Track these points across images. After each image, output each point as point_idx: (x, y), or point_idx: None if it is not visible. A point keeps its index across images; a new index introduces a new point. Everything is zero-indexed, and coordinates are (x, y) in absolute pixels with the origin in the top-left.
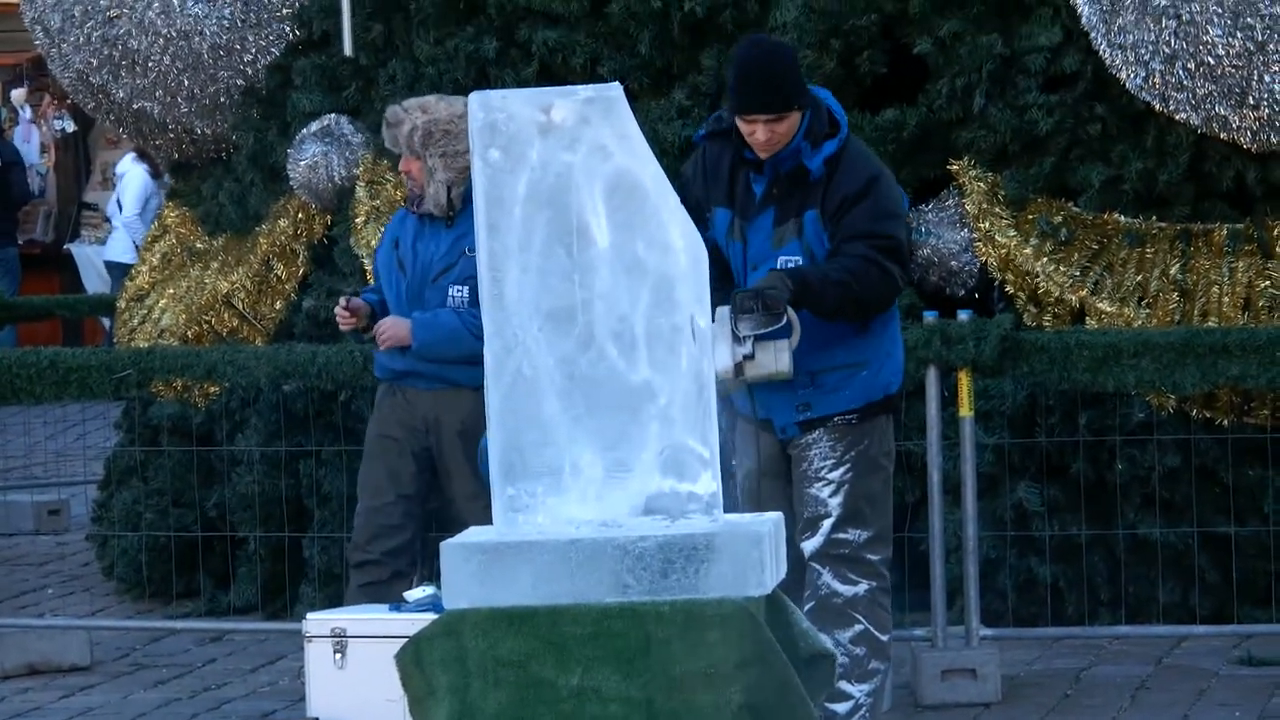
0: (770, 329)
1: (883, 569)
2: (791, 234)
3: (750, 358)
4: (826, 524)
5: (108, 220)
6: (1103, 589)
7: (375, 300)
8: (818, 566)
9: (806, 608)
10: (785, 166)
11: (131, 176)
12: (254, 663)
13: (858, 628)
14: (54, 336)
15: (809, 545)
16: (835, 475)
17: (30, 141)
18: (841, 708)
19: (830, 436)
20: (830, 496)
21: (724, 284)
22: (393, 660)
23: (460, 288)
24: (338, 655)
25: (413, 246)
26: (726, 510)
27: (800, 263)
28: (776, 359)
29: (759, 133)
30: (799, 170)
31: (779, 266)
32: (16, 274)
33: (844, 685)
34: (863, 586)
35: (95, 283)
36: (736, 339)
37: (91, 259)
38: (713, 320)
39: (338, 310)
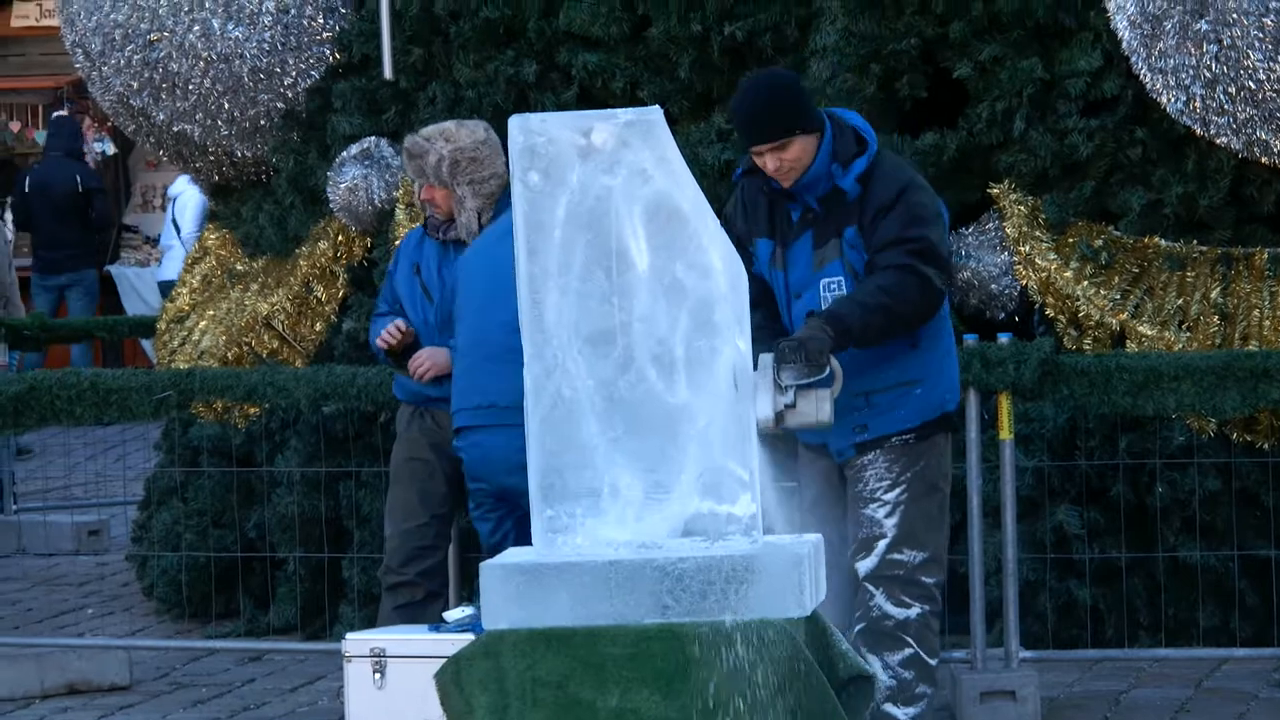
0: (812, 379)
1: (936, 592)
2: (832, 255)
3: (792, 406)
4: (881, 545)
5: (148, 242)
6: (1143, 612)
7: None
8: (871, 588)
9: (857, 629)
10: (817, 193)
11: (189, 196)
12: (293, 683)
13: (908, 651)
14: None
15: (863, 566)
16: (891, 496)
17: None
18: None
19: (887, 457)
20: (886, 518)
21: (772, 315)
22: (432, 680)
23: None
24: (377, 675)
25: (439, 273)
26: (792, 530)
27: (842, 283)
28: (818, 409)
29: (768, 162)
30: (834, 193)
31: (821, 289)
32: (95, 296)
33: (890, 708)
34: (915, 610)
35: (135, 304)
36: (778, 388)
37: (131, 281)
38: (754, 368)
39: (391, 328)
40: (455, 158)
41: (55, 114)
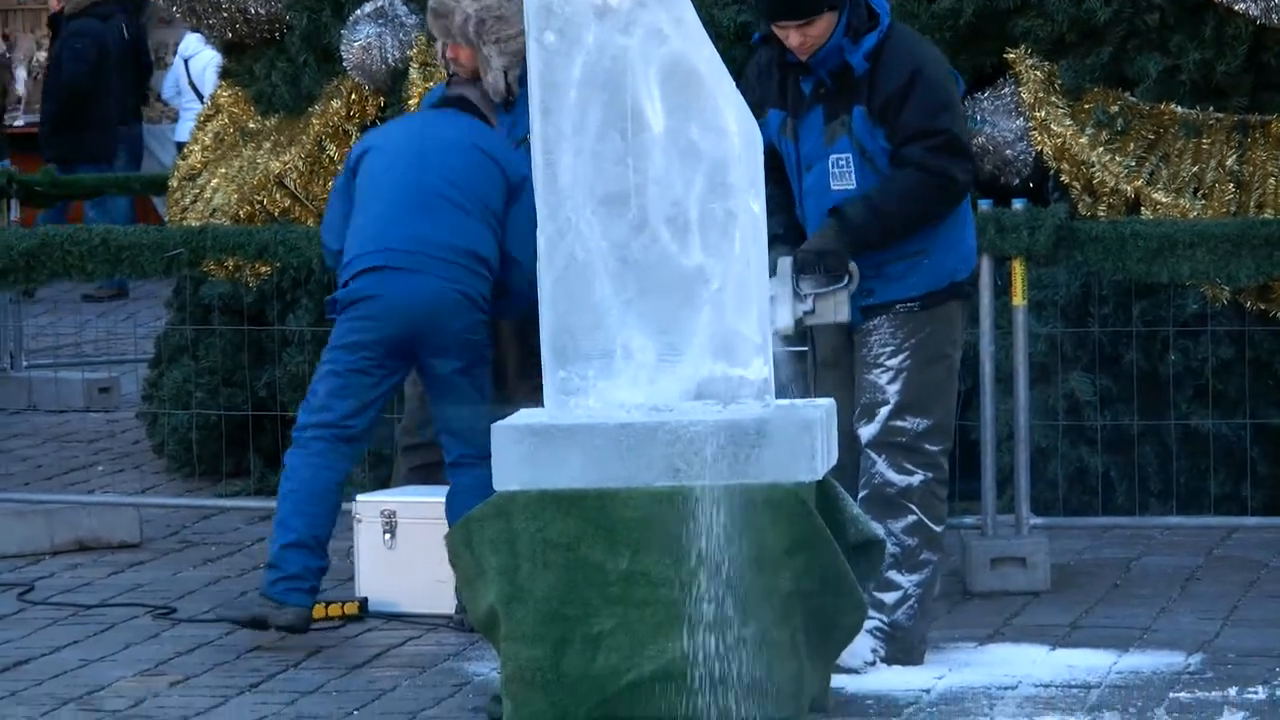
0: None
1: (940, 460)
2: (842, 131)
3: (811, 312)
4: (883, 411)
5: (160, 100)
6: (1154, 479)
7: None
8: (872, 454)
9: (860, 496)
10: (829, 66)
11: (206, 57)
12: None
13: (910, 518)
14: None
15: (865, 432)
16: (894, 362)
17: None
18: (890, 597)
19: (891, 323)
20: (889, 384)
21: (782, 183)
22: (442, 541)
23: None
24: (387, 536)
25: None
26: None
27: (849, 159)
28: (836, 310)
29: (792, 37)
30: (843, 68)
31: (830, 165)
32: (141, 151)
33: (893, 575)
34: (918, 477)
35: (150, 163)
36: (798, 296)
37: (146, 139)
38: (773, 274)
39: None
40: (481, 16)
41: None
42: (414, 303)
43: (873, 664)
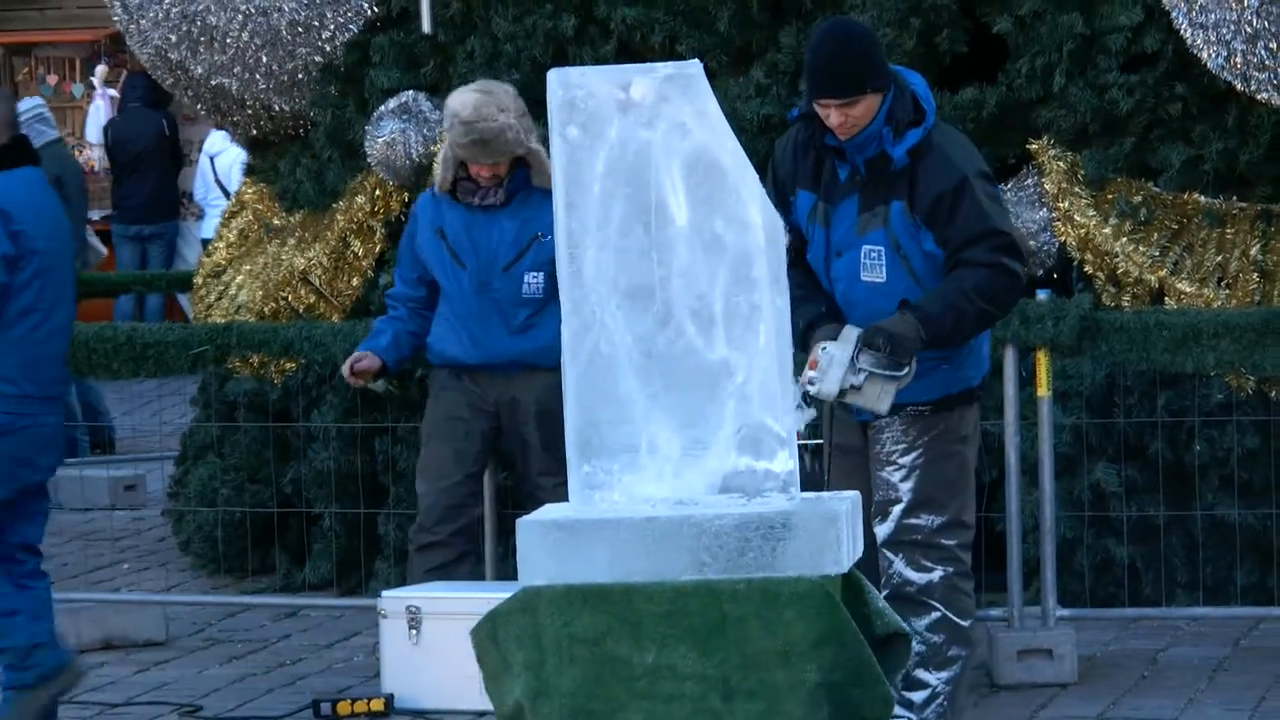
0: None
1: (959, 554)
2: (877, 223)
3: (858, 389)
4: (896, 510)
5: (183, 196)
6: (1180, 570)
7: (386, 343)
8: (889, 554)
9: (881, 595)
10: (867, 153)
11: (231, 155)
12: (329, 639)
13: (934, 615)
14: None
15: (881, 531)
16: (906, 460)
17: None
18: (919, 696)
19: (902, 422)
20: (901, 481)
21: (809, 271)
22: (468, 637)
23: (535, 274)
24: (413, 632)
25: (468, 235)
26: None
27: (882, 253)
28: (880, 398)
29: (833, 116)
30: (881, 158)
31: (861, 255)
32: (176, 248)
33: (921, 673)
34: (937, 573)
35: (175, 261)
36: (853, 368)
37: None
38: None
39: (347, 375)
40: (521, 122)
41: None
42: None
43: None
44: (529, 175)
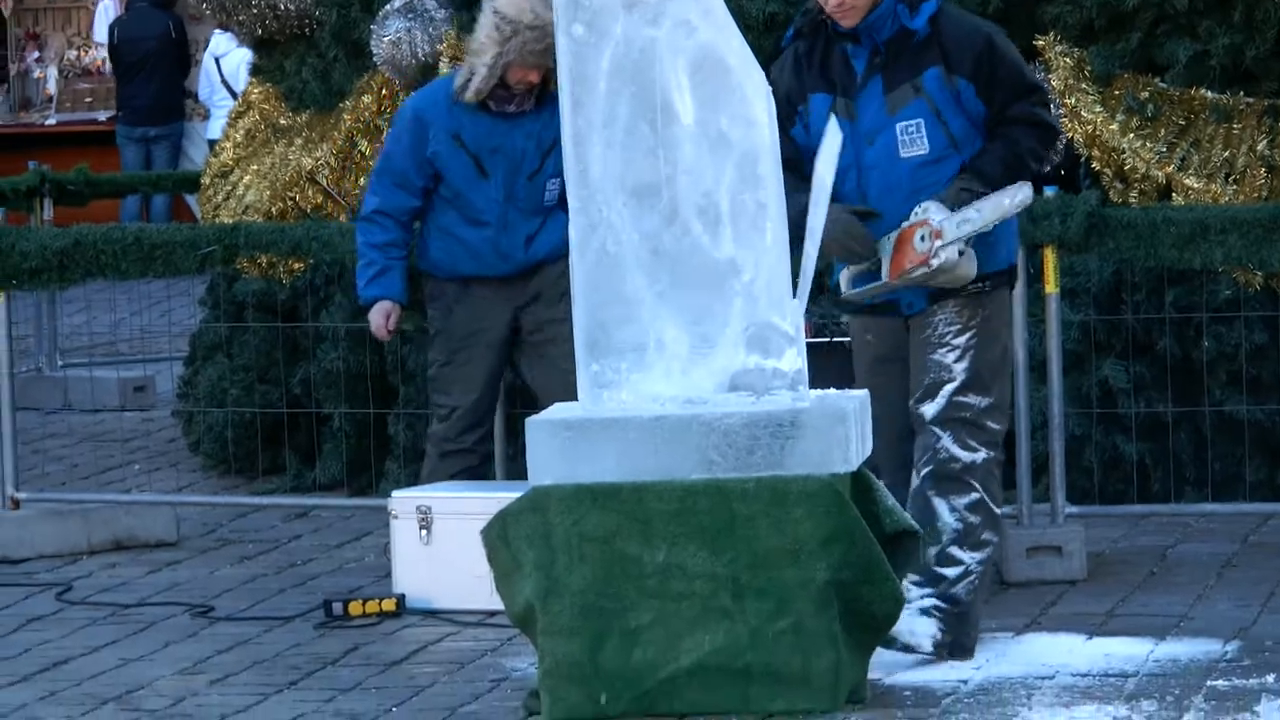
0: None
1: (1000, 439)
2: (909, 97)
3: (964, 254)
4: (949, 388)
5: (189, 96)
6: (1189, 466)
7: (402, 286)
8: (937, 430)
9: (924, 472)
10: (885, 33)
11: (237, 56)
12: (339, 539)
13: (974, 495)
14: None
15: (929, 409)
16: (960, 341)
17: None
18: (951, 571)
19: (957, 304)
20: (955, 361)
21: (801, 178)
22: (478, 536)
23: (555, 180)
24: (423, 532)
25: (489, 142)
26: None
27: (922, 124)
28: (968, 265)
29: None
30: (901, 34)
31: (898, 133)
32: (181, 149)
33: (955, 550)
34: (980, 454)
35: (182, 162)
36: (965, 242)
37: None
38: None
39: (383, 335)
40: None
41: None
42: None
43: (941, 643)
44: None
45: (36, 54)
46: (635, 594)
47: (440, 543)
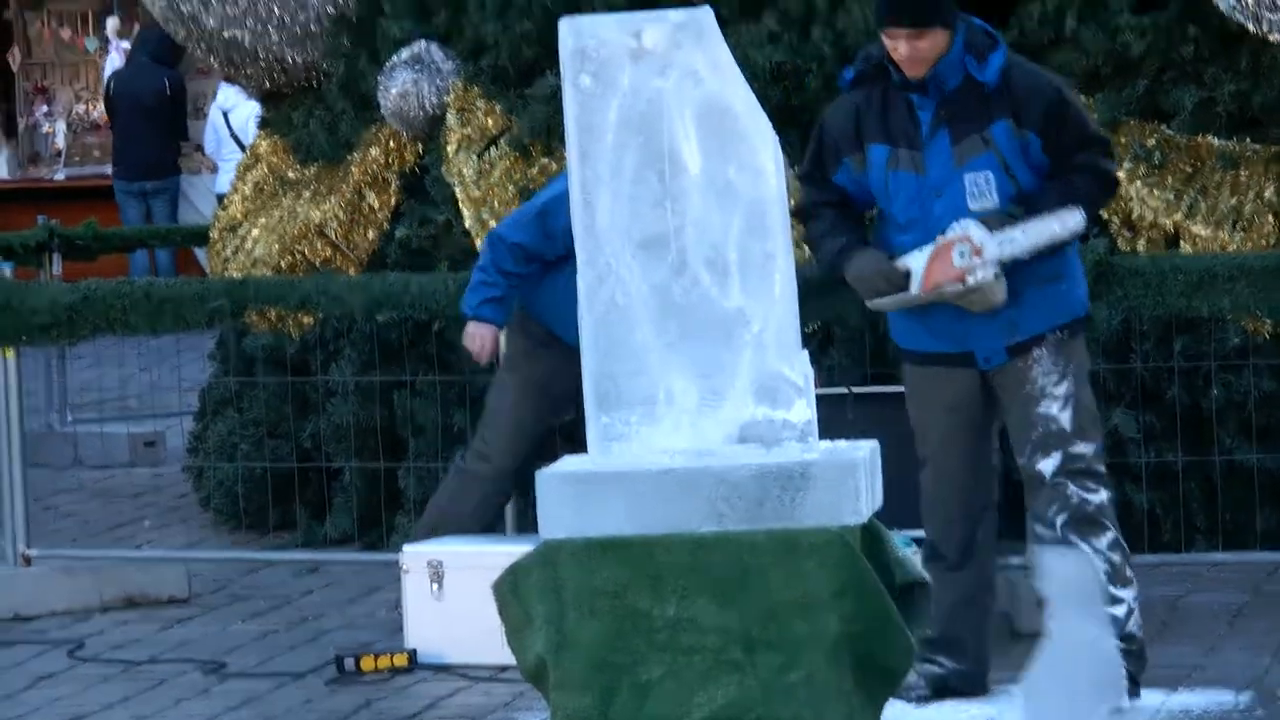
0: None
1: (1109, 480)
2: (978, 149)
3: (999, 276)
4: (1062, 441)
5: (199, 149)
6: (1199, 515)
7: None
8: (1064, 480)
9: (1060, 521)
10: (952, 83)
11: (246, 110)
12: (351, 594)
13: (1110, 534)
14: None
15: (1048, 465)
16: (1061, 390)
17: None
18: (1119, 610)
19: (1052, 351)
20: (1060, 412)
21: (849, 217)
22: (489, 590)
23: None
24: (434, 586)
25: None
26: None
27: (990, 177)
28: (1001, 290)
29: (901, 47)
30: (968, 84)
31: (966, 184)
32: (175, 207)
33: (1113, 589)
34: (1103, 494)
35: (188, 213)
36: (999, 270)
37: (183, 189)
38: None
39: (484, 360)
40: None
41: (138, 25)
42: None
43: (1132, 687)
44: None
45: (45, 108)
46: (646, 648)
47: (452, 597)
